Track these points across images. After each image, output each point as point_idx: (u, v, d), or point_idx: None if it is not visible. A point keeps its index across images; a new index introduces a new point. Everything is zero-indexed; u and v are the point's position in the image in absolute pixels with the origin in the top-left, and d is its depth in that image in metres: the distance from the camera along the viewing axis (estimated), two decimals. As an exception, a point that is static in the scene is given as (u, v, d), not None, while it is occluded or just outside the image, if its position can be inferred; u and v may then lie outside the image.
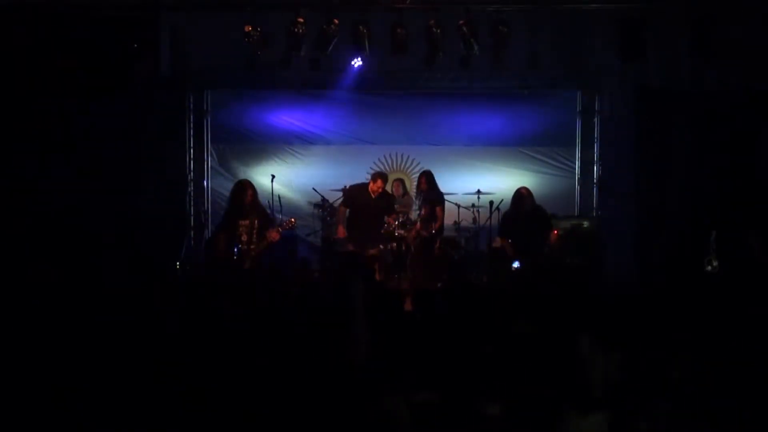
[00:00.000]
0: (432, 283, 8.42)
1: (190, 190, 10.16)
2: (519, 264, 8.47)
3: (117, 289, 6.12)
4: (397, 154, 10.65)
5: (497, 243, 9.00)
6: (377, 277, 8.56)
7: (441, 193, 9.50)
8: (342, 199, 9.45)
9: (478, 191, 9.61)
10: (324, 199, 9.90)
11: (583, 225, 9.48)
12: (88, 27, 8.74)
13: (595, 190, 10.38)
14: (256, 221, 8.02)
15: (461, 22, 8.48)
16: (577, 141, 10.55)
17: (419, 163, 10.53)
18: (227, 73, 9.70)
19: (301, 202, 10.39)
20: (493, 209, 9.26)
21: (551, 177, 10.57)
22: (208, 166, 10.43)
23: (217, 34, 9.09)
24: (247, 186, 8.30)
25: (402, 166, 10.65)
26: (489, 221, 9.36)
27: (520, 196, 8.82)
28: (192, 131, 10.21)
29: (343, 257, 8.61)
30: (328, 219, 9.83)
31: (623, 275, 8.99)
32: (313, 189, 9.99)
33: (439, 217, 9.35)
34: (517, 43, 8.81)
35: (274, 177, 9.63)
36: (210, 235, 9.83)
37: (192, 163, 10.21)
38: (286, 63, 8.90)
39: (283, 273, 8.52)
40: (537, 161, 10.58)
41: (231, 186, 8.76)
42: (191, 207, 10.18)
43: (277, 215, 9.22)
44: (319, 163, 10.57)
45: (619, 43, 8.73)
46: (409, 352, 4.19)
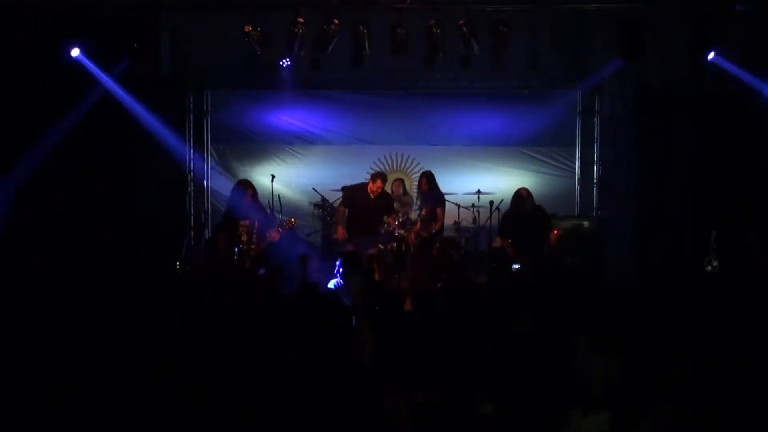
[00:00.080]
0: (432, 283, 8.40)
1: (190, 190, 10.16)
2: (519, 265, 8.48)
3: (117, 289, 6.12)
4: (397, 154, 10.64)
5: (497, 243, 8.99)
6: (377, 277, 8.56)
7: (442, 193, 9.50)
8: (341, 200, 9.45)
9: (478, 191, 9.61)
10: (324, 199, 9.89)
11: (583, 225, 9.47)
12: (88, 27, 8.74)
13: (595, 190, 10.37)
14: (256, 221, 8.02)
15: (461, 22, 8.48)
16: (577, 141, 10.55)
17: (419, 163, 10.52)
18: (227, 73, 9.69)
19: (301, 202, 10.37)
20: (493, 209, 9.25)
21: (551, 177, 10.55)
22: (208, 166, 10.43)
23: (217, 34, 9.09)
24: (247, 186, 8.30)
25: (402, 166, 10.64)
26: (489, 221, 9.35)
27: (520, 197, 8.82)
28: (192, 131, 10.21)
29: (343, 257, 8.60)
30: (328, 219, 9.82)
31: (623, 275, 8.98)
32: (313, 189, 9.99)
33: (440, 218, 9.34)
34: (517, 43, 8.81)
35: (274, 177, 9.64)
36: (210, 235, 9.83)
37: (192, 163, 10.22)
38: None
39: (283, 273, 8.52)
40: (537, 161, 10.57)
41: (231, 186, 8.76)
42: (191, 207, 10.18)
43: (277, 215, 9.22)
44: (319, 163, 10.55)
45: (619, 43, 8.73)
46: (409, 352, 4.20)
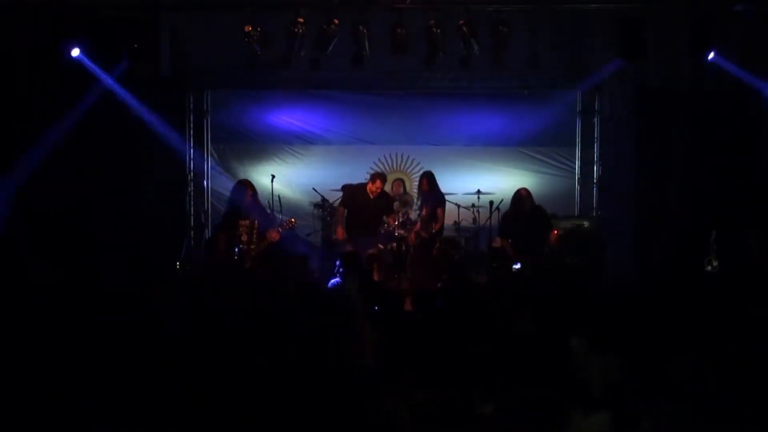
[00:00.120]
0: (432, 283, 8.40)
1: (190, 190, 10.16)
2: (519, 265, 8.48)
3: (117, 289, 6.12)
4: (397, 154, 10.64)
5: (497, 243, 9.00)
6: (376, 277, 8.57)
7: (442, 194, 9.49)
8: (340, 200, 9.44)
9: (478, 191, 9.61)
10: (324, 199, 9.89)
11: (583, 225, 9.47)
12: (88, 27, 8.73)
13: (595, 190, 10.38)
14: (256, 221, 8.02)
15: (461, 22, 8.48)
16: (577, 141, 10.55)
17: (419, 163, 10.52)
18: (227, 73, 9.70)
19: (301, 202, 10.37)
20: (493, 209, 9.26)
21: (551, 177, 10.55)
22: (208, 166, 10.42)
23: (217, 34, 9.09)
24: (247, 186, 8.31)
25: (402, 166, 10.64)
26: (489, 221, 9.36)
27: (520, 197, 8.83)
28: (192, 131, 10.21)
29: (342, 257, 8.60)
30: (328, 219, 9.82)
31: (623, 275, 8.98)
32: (313, 189, 9.99)
33: (440, 218, 9.34)
34: (517, 43, 8.81)
35: (274, 177, 9.64)
36: (210, 235, 9.84)
37: (192, 163, 10.22)
38: (286, 63, 8.89)
39: (283, 273, 8.52)
40: (537, 161, 10.57)
41: (231, 186, 8.75)
42: (191, 207, 10.18)
43: (277, 215, 9.22)
44: (319, 163, 10.55)
45: (619, 43, 8.73)
46: (409, 352, 4.20)
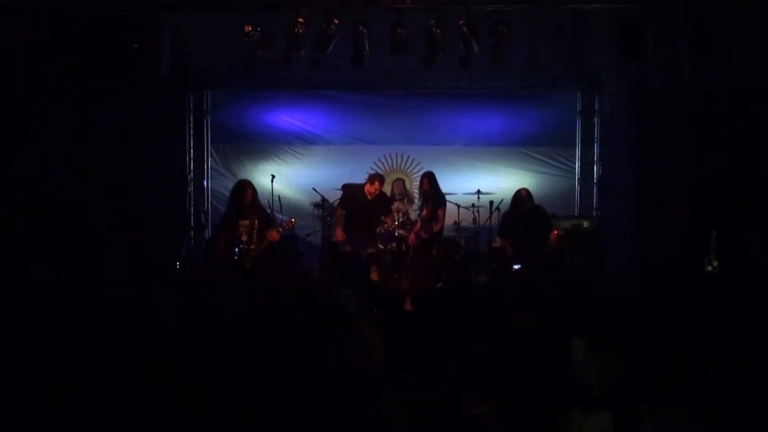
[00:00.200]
0: (432, 283, 8.41)
1: (190, 190, 10.16)
2: (519, 266, 8.48)
3: (117, 289, 6.12)
4: (397, 154, 10.63)
5: (497, 243, 8.99)
6: (375, 277, 8.57)
7: (443, 194, 9.48)
8: (339, 202, 9.43)
9: (478, 191, 9.60)
10: (324, 199, 9.88)
11: (583, 225, 9.47)
12: (88, 27, 8.73)
13: (595, 190, 10.37)
14: (256, 221, 8.02)
15: (461, 22, 8.47)
16: (577, 141, 10.53)
17: (419, 163, 10.51)
18: (227, 73, 9.70)
19: (301, 202, 10.37)
20: (493, 209, 9.25)
21: (551, 177, 10.54)
22: (208, 166, 10.41)
23: (217, 34, 9.08)
24: (247, 186, 8.30)
25: (402, 166, 10.63)
26: (489, 221, 9.35)
27: (520, 198, 8.82)
28: (192, 131, 10.21)
29: (341, 258, 8.61)
30: (328, 219, 9.81)
31: (623, 275, 8.98)
32: (313, 189, 9.98)
33: (440, 219, 9.33)
34: (517, 43, 8.80)
35: (274, 177, 9.64)
36: (210, 235, 9.83)
37: (192, 163, 10.21)
38: (286, 63, 8.89)
39: (283, 273, 8.53)
40: (537, 161, 10.56)
41: (231, 186, 8.75)
42: (191, 207, 10.18)
43: (277, 215, 9.22)
44: (319, 163, 10.54)
45: (619, 43, 8.73)
46: (408, 353, 4.20)
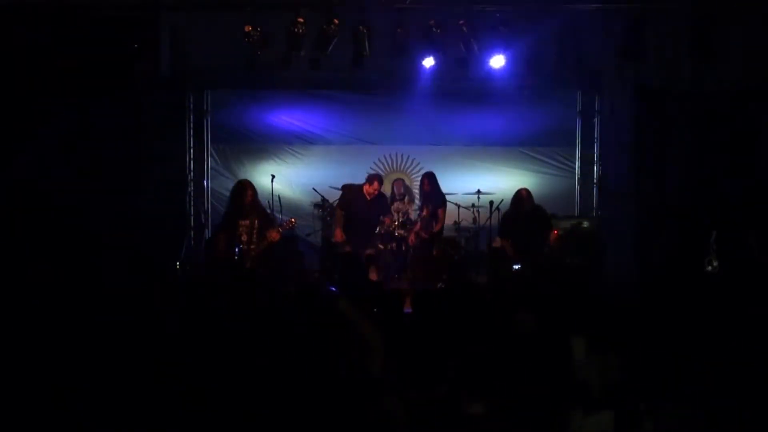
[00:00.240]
0: (432, 283, 8.41)
1: (190, 190, 10.16)
2: (519, 266, 8.47)
3: (117, 289, 6.12)
4: (397, 154, 10.63)
5: (497, 243, 8.99)
6: (375, 277, 8.57)
7: (443, 194, 9.48)
8: (338, 202, 9.42)
9: (478, 191, 9.61)
10: (324, 199, 9.89)
11: (583, 225, 9.47)
12: (88, 27, 8.73)
13: (595, 190, 10.38)
14: (256, 221, 8.02)
15: (461, 22, 8.48)
16: (577, 141, 10.54)
17: (419, 163, 10.52)
18: (227, 73, 9.70)
19: (301, 202, 10.37)
20: (493, 209, 9.26)
21: (551, 177, 10.55)
22: (208, 166, 10.42)
23: (217, 34, 9.08)
24: (247, 186, 8.30)
25: (402, 166, 10.64)
26: (489, 221, 9.36)
27: (520, 198, 8.82)
28: (192, 131, 10.21)
29: (341, 258, 8.61)
30: (328, 219, 9.81)
31: (623, 275, 8.97)
32: (313, 189, 9.99)
33: (441, 219, 9.33)
34: (516, 43, 8.81)
35: (274, 177, 9.64)
36: (210, 235, 9.83)
37: (192, 163, 10.22)
38: (286, 63, 8.88)
39: (283, 273, 8.52)
40: (537, 161, 10.57)
41: (231, 186, 8.75)
42: (191, 207, 10.18)
43: (277, 215, 9.22)
44: (319, 163, 10.55)
45: (619, 43, 8.73)
46: (408, 353, 4.19)
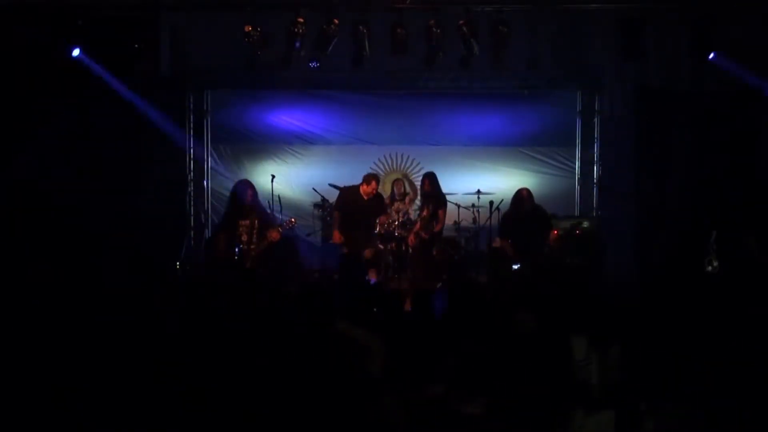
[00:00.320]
0: (432, 283, 8.41)
1: (190, 190, 10.16)
2: (519, 265, 8.47)
3: (117, 289, 6.12)
4: (397, 154, 10.63)
5: (497, 243, 8.98)
6: (375, 277, 8.57)
7: (444, 195, 9.47)
8: (335, 204, 9.40)
9: (478, 191, 9.60)
10: (324, 199, 9.88)
11: (583, 225, 9.47)
12: (88, 27, 8.74)
13: (595, 190, 10.37)
14: (256, 221, 8.02)
15: (461, 22, 8.47)
16: (577, 141, 10.53)
17: (419, 163, 10.51)
18: (227, 73, 9.70)
19: (301, 202, 10.37)
20: (493, 209, 9.25)
21: (551, 177, 10.53)
22: (208, 166, 10.42)
23: (217, 34, 9.10)
24: (247, 186, 8.30)
25: (402, 166, 10.63)
26: (489, 221, 9.35)
27: (521, 198, 8.80)
28: (192, 131, 10.21)
29: (341, 259, 8.61)
30: (328, 219, 9.81)
31: (623, 275, 8.98)
32: (313, 189, 9.98)
33: (441, 219, 9.31)
34: (517, 43, 8.81)
35: (274, 177, 9.64)
36: (210, 235, 9.83)
37: (192, 163, 10.22)
38: (286, 63, 8.89)
39: (283, 273, 8.52)
40: (537, 161, 10.56)
41: (231, 186, 8.75)
42: (191, 207, 10.18)
43: (277, 215, 9.22)
44: (319, 163, 10.54)
45: (619, 43, 8.73)
46: (408, 352, 4.20)
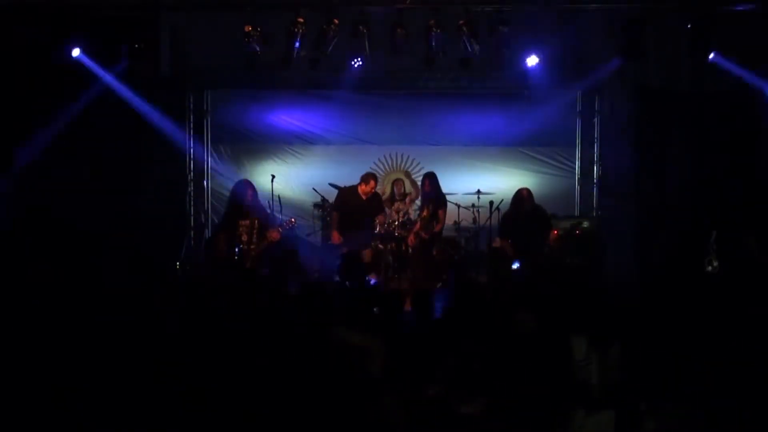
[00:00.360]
0: (432, 283, 8.41)
1: (190, 190, 10.17)
2: (519, 265, 8.47)
3: (117, 289, 6.12)
4: (397, 154, 10.63)
5: (497, 243, 8.98)
6: (375, 277, 8.57)
7: (444, 195, 9.46)
8: (333, 204, 9.40)
9: (478, 191, 9.60)
10: (324, 199, 9.88)
11: (583, 225, 9.47)
12: (88, 27, 8.74)
13: (595, 190, 10.37)
14: (256, 221, 8.02)
15: (461, 22, 8.48)
16: (577, 141, 10.53)
17: (419, 163, 10.51)
18: (227, 73, 9.70)
19: (301, 202, 10.36)
20: (493, 209, 9.26)
21: (551, 177, 10.54)
22: (208, 166, 10.42)
23: (217, 34, 9.09)
24: (247, 186, 8.30)
25: (402, 166, 10.63)
26: (489, 221, 9.35)
27: (521, 198, 8.80)
28: (192, 131, 10.21)
29: (340, 259, 8.60)
30: (328, 219, 9.81)
31: (623, 275, 8.97)
32: (313, 189, 9.98)
33: (441, 219, 9.31)
34: (517, 43, 8.81)
35: (274, 177, 9.64)
36: (210, 235, 9.83)
37: (192, 163, 10.22)
38: (286, 63, 8.89)
39: (283, 273, 8.52)
40: (537, 161, 10.56)
41: (231, 186, 8.75)
42: (191, 207, 10.18)
43: (277, 215, 9.22)
44: (319, 163, 10.54)
45: (619, 43, 8.73)
46: (409, 353, 4.20)
